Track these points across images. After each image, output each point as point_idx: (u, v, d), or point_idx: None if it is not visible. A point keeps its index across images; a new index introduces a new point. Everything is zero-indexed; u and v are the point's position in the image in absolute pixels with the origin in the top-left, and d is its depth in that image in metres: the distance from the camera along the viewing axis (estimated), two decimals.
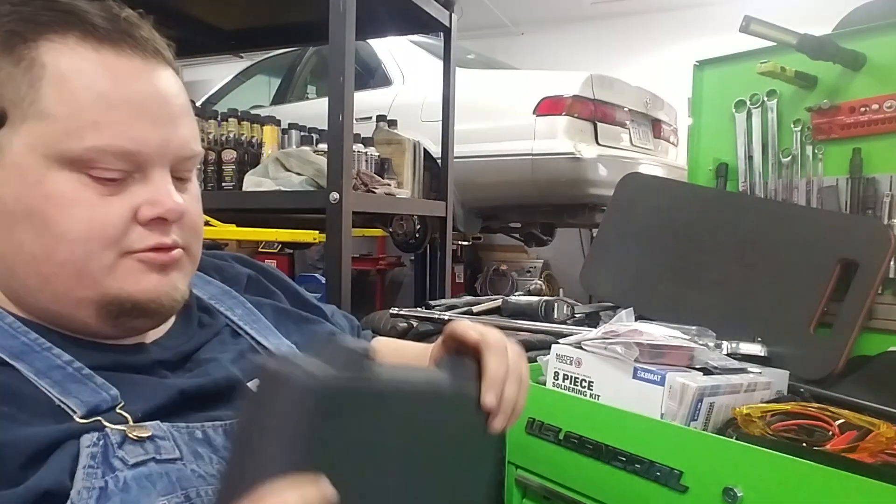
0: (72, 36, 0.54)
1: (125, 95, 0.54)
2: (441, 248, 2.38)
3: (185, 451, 0.53)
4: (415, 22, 2.21)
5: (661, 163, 3.60)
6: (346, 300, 1.65)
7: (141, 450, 0.51)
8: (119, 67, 0.54)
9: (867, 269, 1.10)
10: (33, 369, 0.52)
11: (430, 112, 3.14)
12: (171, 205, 0.56)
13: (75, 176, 0.53)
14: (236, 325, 0.70)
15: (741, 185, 1.46)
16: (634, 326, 0.96)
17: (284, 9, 2.23)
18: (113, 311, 0.56)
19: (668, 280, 1.35)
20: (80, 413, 0.51)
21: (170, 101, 0.57)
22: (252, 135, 2.14)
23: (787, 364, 1.05)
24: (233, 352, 0.66)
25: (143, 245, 0.56)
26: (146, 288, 0.56)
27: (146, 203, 0.56)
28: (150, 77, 0.56)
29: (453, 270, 4.86)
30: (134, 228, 0.56)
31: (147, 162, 0.56)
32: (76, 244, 0.53)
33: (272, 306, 0.77)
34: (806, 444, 0.78)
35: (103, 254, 0.54)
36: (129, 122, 0.54)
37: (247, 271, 0.80)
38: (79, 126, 0.52)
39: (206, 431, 0.55)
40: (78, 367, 0.54)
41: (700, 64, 1.56)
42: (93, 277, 0.54)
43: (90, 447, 0.49)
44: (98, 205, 0.54)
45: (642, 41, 5.99)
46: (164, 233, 0.57)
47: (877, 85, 1.26)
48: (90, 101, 0.53)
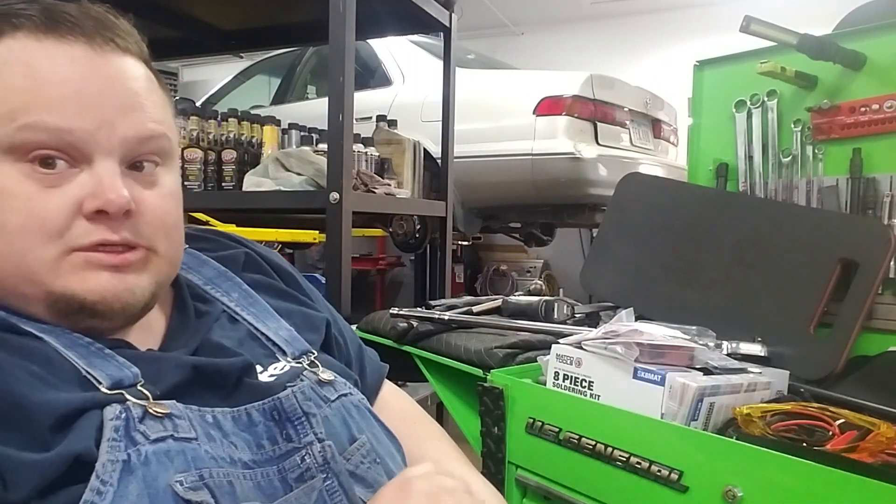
0: (22, 31, 0.53)
1: (62, 77, 0.53)
2: (441, 248, 2.38)
3: (200, 433, 0.53)
4: (415, 22, 2.21)
5: (661, 163, 3.60)
6: (346, 300, 1.65)
7: (160, 426, 0.51)
8: (59, 53, 0.53)
9: (867, 269, 1.10)
10: (61, 343, 0.53)
11: (430, 112, 3.14)
12: (111, 196, 0.53)
13: (17, 167, 0.52)
14: (232, 310, 0.69)
15: (741, 185, 1.46)
16: (634, 326, 0.95)
17: (284, 9, 2.23)
18: (62, 310, 0.54)
19: (668, 280, 1.35)
20: (105, 385, 0.51)
21: (116, 86, 0.55)
22: (252, 135, 2.14)
23: (787, 364, 1.05)
24: (233, 339, 0.65)
25: (87, 240, 0.54)
26: (92, 287, 0.54)
27: (89, 195, 0.53)
28: (95, 62, 0.54)
29: (453, 270, 4.86)
30: (78, 222, 0.53)
31: (89, 149, 0.53)
32: (14, 236, 0.52)
33: (269, 285, 0.75)
34: (806, 444, 0.78)
35: (44, 248, 0.53)
36: (63, 101, 0.52)
37: (244, 250, 0.78)
38: (10, 109, 0.51)
39: (215, 416, 0.55)
40: (100, 347, 0.54)
41: (700, 64, 1.56)
42: (33, 272, 0.53)
43: (113, 420, 0.49)
44: (38, 196, 0.52)
45: (642, 41, 6.00)
46: (111, 228, 0.54)
47: (877, 85, 1.26)
48: (22, 83, 0.52)
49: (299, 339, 0.69)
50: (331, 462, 0.57)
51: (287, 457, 0.56)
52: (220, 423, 0.55)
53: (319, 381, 0.64)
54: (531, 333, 1.24)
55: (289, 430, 0.57)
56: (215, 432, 0.54)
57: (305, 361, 0.66)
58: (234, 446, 0.54)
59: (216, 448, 0.53)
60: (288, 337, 0.68)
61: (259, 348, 0.66)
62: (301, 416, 0.58)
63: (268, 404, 0.58)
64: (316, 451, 0.57)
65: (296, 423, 0.58)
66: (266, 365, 0.64)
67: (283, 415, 0.58)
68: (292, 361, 0.65)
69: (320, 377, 0.65)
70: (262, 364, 0.64)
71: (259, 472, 0.54)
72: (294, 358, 0.66)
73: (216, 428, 0.54)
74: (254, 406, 0.57)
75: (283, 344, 0.67)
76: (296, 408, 0.59)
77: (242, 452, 0.54)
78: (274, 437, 0.57)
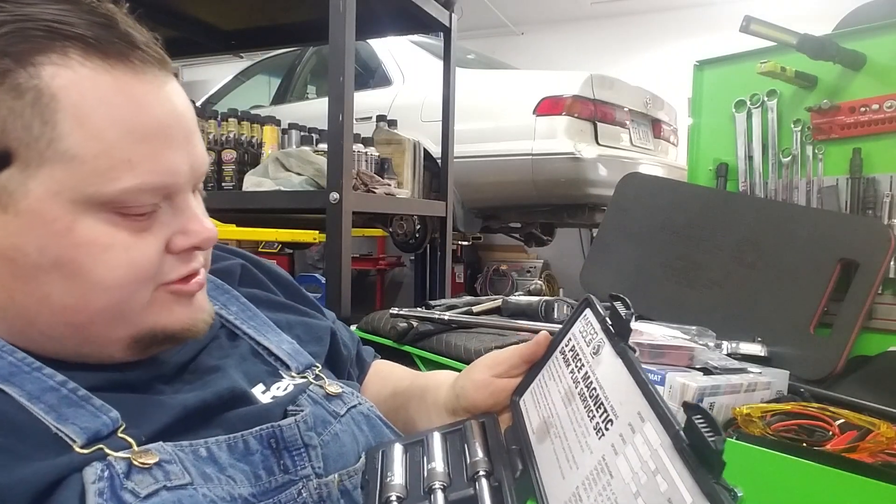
0: (73, 53, 0.46)
1: (150, 124, 0.49)
2: (441, 248, 2.38)
3: (195, 474, 0.49)
4: (415, 22, 2.21)
5: (661, 163, 3.60)
6: (346, 300, 1.65)
7: (150, 478, 0.47)
8: (137, 90, 0.49)
9: (867, 269, 1.10)
10: (25, 393, 0.48)
11: (430, 112, 3.14)
12: (206, 234, 0.54)
13: (105, 217, 0.48)
14: (232, 324, 0.66)
15: (741, 185, 1.46)
16: (634, 326, 0.95)
17: (284, 9, 2.23)
18: (144, 344, 0.53)
19: (668, 280, 1.35)
20: (80, 442, 0.46)
21: (186, 118, 0.53)
22: (252, 135, 2.14)
23: (787, 364, 1.05)
24: (234, 356, 0.62)
25: (175, 275, 0.53)
26: (179, 318, 0.54)
27: (178, 233, 0.52)
28: (167, 95, 0.51)
29: (453, 270, 4.86)
30: (165, 259, 0.52)
31: (177, 190, 0.52)
32: (115, 290, 0.50)
33: (268, 300, 0.73)
34: (806, 444, 0.78)
35: (140, 293, 0.51)
36: (159, 153, 0.50)
37: (239, 262, 0.75)
38: (110, 166, 0.47)
39: (209, 448, 0.52)
40: (73, 388, 0.49)
41: (700, 64, 1.56)
42: (130, 317, 0.52)
43: (95, 483, 0.45)
44: (133, 245, 0.50)
45: (642, 41, 6.00)
46: (193, 259, 0.54)
47: (877, 85, 1.26)
48: (118, 137, 0.47)
49: (302, 353, 0.67)
50: (327, 501, 0.55)
51: (283, 489, 0.54)
52: (214, 455, 0.52)
53: (327, 394, 0.62)
54: (531, 333, 1.24)
55: (286, 460, 0.55)
56: (211, 469, 0.51)
57: (311, 375, 0.64)
58: (233, 480, 0.51)
59: (214, 488, 0.50)
60: (291, 351, 0.66)
61: (262, 365, 0.64)
62: (301, 446, 0.56)
63: (265, 431, 0.55)
64: (312, 488, 0.55)
65: (293, 453, 0.56)
66: (269, 384, 0.61)
67: (280, 443, 0.55)
68: (297, 377, 0.63)
69: (328, 391, 0.63)
70: (265, 383, 0.61)
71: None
72: (298, 373, 0.64)
73: (211, 463, 0.51)
74: (251, 433, 0.54)
75: (287, 358, 0.65)
76: (296, 437, 0.56)
77: (241, 486, 0.52)
78: (271, 468, 0.54)
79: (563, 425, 0.53)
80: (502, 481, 0.53)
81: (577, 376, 0.56)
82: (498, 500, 0.51)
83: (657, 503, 0.39)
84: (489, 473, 0.53)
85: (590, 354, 0.56)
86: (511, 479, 0.53)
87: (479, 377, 0.65)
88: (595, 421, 0.50)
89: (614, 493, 0.43)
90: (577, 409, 0.53)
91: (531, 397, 0.61)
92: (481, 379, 0.64)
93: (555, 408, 0.56)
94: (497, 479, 0.53)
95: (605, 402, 0.50)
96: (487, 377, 0.64)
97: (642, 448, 0.43)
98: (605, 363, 0.54)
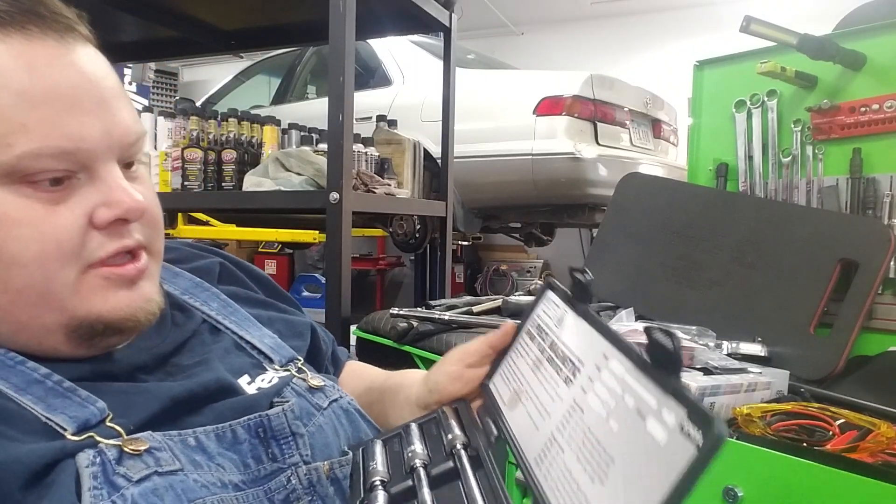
0: None
1: (47, 88, 0.47)
2: (441, 248, 2.38)
3: (185, 461, 0.49)
4: (415, 22, 2.21)
5: (661, 163, 3.60)
6: (346, 300, 1.65)
7: (142, 463, 0.47)
8: (32, 56, 0.47)
9: (867, 269, 1.10)
10: (12, 385, 0.48)
11: (430, 112, 3.14)
12: (130, 202, 0.50)
13: (14, 189, 0.47)
14: (214, 319, 0.65)
15: (741, 185, 1.46)
16: (634, 326, 0.96)
17: (284, 9, 2.23)
18: (84, 335, 0.51)
19: (668, 280, 1.35)
20: (70, 430, 0.47)
21: (100, 84, 0.50)
22: (252, 135, 2.14)
23: (787, 364, 1.05)
24: (218, 350, 0.62)
25: (104, 252, 0.50)
26: (116, 306, 0.51)
27: (101, 205, 0.50)
28: (70, 61, 0.49)
29: (453, 270, 4.86)
30: (91, 236, 0.50)
31: (91, 158, 0.49)
32: (33, 267, 0.48)
33: (248, 297, 0.73)
34: (806, 444, 0.78)
35: (63, 271, 0.49)
36: (58, 117, 0.47)
37: (218, 260, 0.75)
38: (4, 132, 0.46)
39: (198, 438, 0.52)
40: (58, 381, 0.49)
41: (700, 64, 1.56)
42: (57, 299, 0.49)
43: (89, 467, 0.45)
44: (46, 218, 0.48)
45: (642, 41, 6.00)
46: (125, 234, 0.51)
47: (877, 85, 1.26)
48: (11, 102, 0.46)
49: (284, 347, 0.67)
50: (317, 486, 0.56)
51: (272, 477, 0.54)
52: (203, 444, 0.52)
53: (310, 387, 0.63)
54: None
55: (274, 448, 0.55)
56: (200, 456, 0.51)
57: (293, 369, 0.65)
58: (222, 468, 0.52)
59: (204, 474, 0.50)
60: (273, 344, 0.66)
61: (246, 357, 0.64)
62: (288, 435, 0.56)
63: (253, 420, 0.55)
64: (302, 474, 0.55)
65: (282, 442, 0.56)
66: (254, 375, 0.62)
67: (269, 432, 0.55)
68: (280, 370, 0.64)
69: (310, 384, 0.63)
70: (250, 374, 0.62)
71: (250, 493, 0.52)
72: (281, 366, 0.64)
73: (200, 451, 0.51)
74: (238, 423, 0.54)
75: (269, 352, 0.65)
76: (284, 426, 0.56)
77: (231, 474, 0.52)
78: (259, 456, 0.54)
79: (533, 389, 0.55)
80: (479, 448, 0.54)
81: (544, 346, 0.58)
82: (478, 467, 0.52)
83: (627, 419, 0.41)
84: (466, 445, 0.55)
85: (554, 326, 0.58)
86: (487, 445, 0.55)
87: (452, 369, 0.66)
88: (564, 374, 0.52)
89: (587, 424, 0.45)
90: (545, 372, 0.55)
91: (500, 378, 0.63)
92: (454, 370, 0.66)
93: (524, 378, 0.58)
94: (475, 448, 0.54)
95: (572, 356, 0.52)
96: (459, 368, 0.66)
97: (609, 380, 0.45)
98: (569, 327, 0.56)
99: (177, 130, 2.11)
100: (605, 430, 0.43)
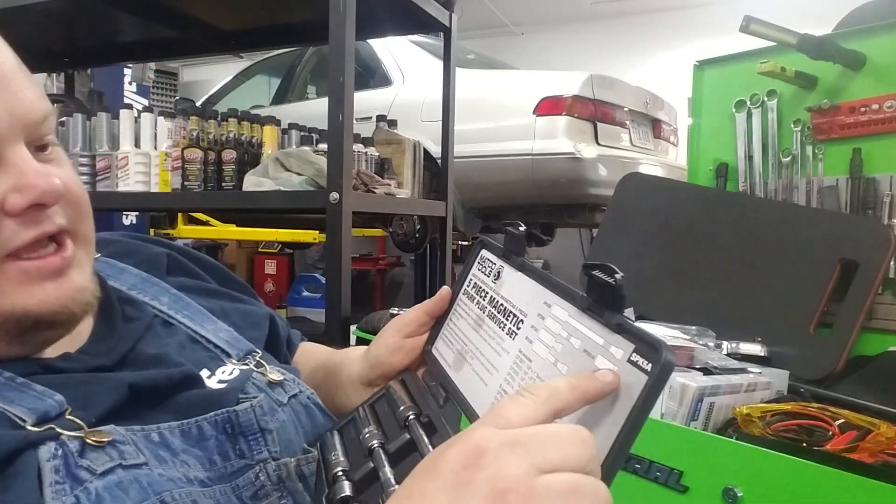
0: None
1: None
2: (441, 248, 2.38)
3: (149, 455, 0.47)
4: (415, 22, 2.21)
5: (661, 163, 3.60)
6: (346, 300, 1.65)
7: (105, 456, 0.45)
8: None
9: (867, 269, 1.10)
10: None
11: (430, 112, 3.14)
12: (45, 185, 0.46)
13: None
14: (166, 314, 0.63)
15: (741, 185, 1.46)
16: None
17: (284, 9, 2.23)
18: (13, 330, 0.48)
19: (668, 280, 1.35)
20: (30, 421, 0.45)
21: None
22: (252, 135, 2.14)
23: (787, 364, 1.05)
24: (173, 345, 0.59)
25: (20, 241, 0.47)
26: (44, 300, 0.48)
27: (12, 191, 0.46)
28: None
29: (453, 270, 4.85)
30: (4, 224, 0.46)
31: None
32: None
33: (199, 287, 0.70)
34: (806, 444, 0.78)
35: None
36: None
37: (164, 251, 0.71)
38: None
39: (162, 433, 0.50)
40: (10, 377, 0.47)
41: (700, 64, 1.56)
42: None
43: (50, 460, 0.43)
44: None
45: (642, 41, 6.00)
46: (43, 220, 0.48)
47: (877, 85, 1.26)
48: None
49: (241, 340, 0.65)
50: (286, 481, 0.55)
51: (240, 474, 0.53)
52: (167, 440, 0.50)
53: (269, 382, 0.61)
54: None
55: (241, 444, 0.54)
56: (164, 452, 0.49)
57: (252, 362, 0.63)
58: (187, 465, 0.50)
59: (169, 470, 0.48)
60: (229, 338, 0.64)
61: (202, 351, 0.62)
62: (257, 431, 0.55)
63: (220, 416, 0.53)
64: (271, 470, 0.54)
65: (250, 438, 0.54)
66: (213, 369, 0.60)
67: (236, 428, 0.54)
68: (238, 363, 0.62)
69: (269, 378, 0.61)
70: (209, 368, 0.60)
71: (217, 489, 0.51)
72: (239, 359, 0.62)
73: (164, 447, 0.49)
74: (205, 418, 0.53)
75: (226, 346, 0.63)
76: (252, 422, 0.55)
77: (196, 470, 0.50)
78: (226, 453, 0.53)
79: (477, 347, 0.55)
80: (431, 415, 0.54)
81: (483, 303, 0.58)
82: (433, 432, 0.52)
83: (575, 360, 0.42)
84: (418, 414, 0.55)
85: (492, 282, 0.58)
86: (437, 409, 0.55)
87: (391, 341, 0.65)
88: (507, 328, 0.52)
89: (535, 371, 0.46)
90: (488, 328, 0.55)
91: (443, 342, 0.63)
92: (393, 342, 0.65)
93: (467, 338, 0.58)
94: (426, 415, 0.54)
95: (513, 308, 0.52)
96: (398, 339, 0.65)
97: (554, 326, 0.46)
98: (508, 281, 0.56)
99: (177, 130, 2.11)
100: (555, 374, 0.43)
